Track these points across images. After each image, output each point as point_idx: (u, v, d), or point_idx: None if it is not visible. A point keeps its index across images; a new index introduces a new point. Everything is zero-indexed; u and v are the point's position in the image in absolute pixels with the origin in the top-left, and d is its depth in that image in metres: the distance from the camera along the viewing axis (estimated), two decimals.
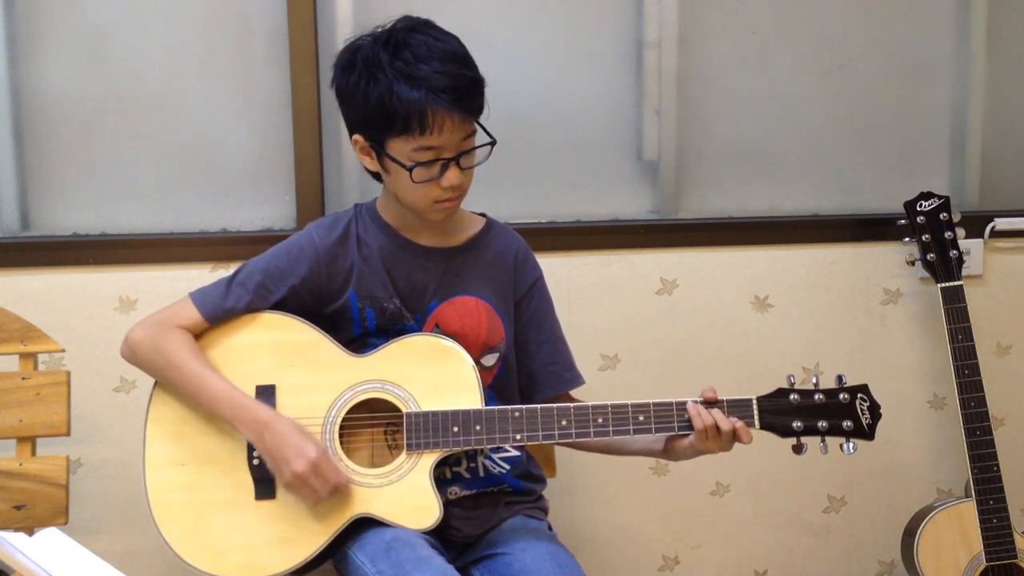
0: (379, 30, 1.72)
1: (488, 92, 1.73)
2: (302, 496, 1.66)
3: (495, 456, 1.83)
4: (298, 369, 1.73)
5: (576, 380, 1.91)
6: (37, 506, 1.79)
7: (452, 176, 1.69)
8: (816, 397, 1.71)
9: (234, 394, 1.68)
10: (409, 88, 1.63)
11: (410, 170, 1.68)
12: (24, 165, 2.30)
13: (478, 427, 1.69)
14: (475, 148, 1.72)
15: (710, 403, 1.70)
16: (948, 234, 2.35)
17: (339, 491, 1.66)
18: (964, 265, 2.36)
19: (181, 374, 1.70)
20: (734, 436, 1.68)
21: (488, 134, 1.75)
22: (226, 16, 2.31)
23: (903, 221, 2.39)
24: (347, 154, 2.34)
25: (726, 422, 1.68)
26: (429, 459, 1.69)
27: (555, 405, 1.71)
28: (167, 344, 1.71)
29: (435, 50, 1.66)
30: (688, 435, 1.70)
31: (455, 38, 1.72)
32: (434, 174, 1.69)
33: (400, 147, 1.68)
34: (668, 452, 1.77)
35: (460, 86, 1.65)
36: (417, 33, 1.69)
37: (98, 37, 2.28)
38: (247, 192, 2.35)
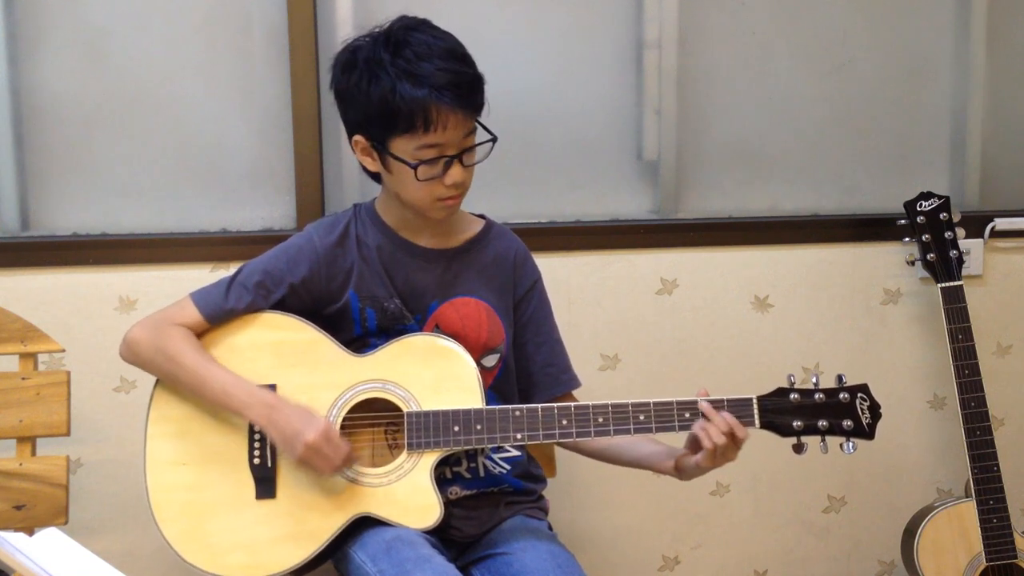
0: (377, 30, 1.72)
1: (488, 92, 1.73)
2: (315, 467, 1.64)
3: (495, 456, 1.83)
4: (298, 369, 1.73)
5: (573, 382, 1.91)
6: (37, 506, 1.79)
7: (455, 174, 1.70)
8: (816, 396, 1.71)
9: (240, 382, 1.69)
10: (412, 86, 1.63)
11: (415, 168, 1.68)
12: (24, 165, 2.30)
13: (479, 426, 1.69)
14: (477, 145, 1.72)
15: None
16: (948, 234, 2.35)
17: (350, 461, 1.66)
18: (964, 265, 2.36)
19: (184, 369, 1.69)
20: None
21: (488, 131, 1.75)
22: (226, 16, 2.31)
23: (903, 221, 2.39)
24: (347, 154, 2.33)
25: (737, 425, 1.66)
26: (430, 459, 1.69)
27: (556, 404, 1.71)
28: (167, 341, 1.71)
29: (435, 48, 1.67)
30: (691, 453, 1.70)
31: (453, 37, 1.72)
32: (437, 172, 1.69)
33: (403, 146, 1.68)
34: (680, 469, 1.74)
35: (462, 83, 1.66)
36: (416, 32, 1.69)
37: (98, 37, 2.28)
38: (247, 192, 2.35)
